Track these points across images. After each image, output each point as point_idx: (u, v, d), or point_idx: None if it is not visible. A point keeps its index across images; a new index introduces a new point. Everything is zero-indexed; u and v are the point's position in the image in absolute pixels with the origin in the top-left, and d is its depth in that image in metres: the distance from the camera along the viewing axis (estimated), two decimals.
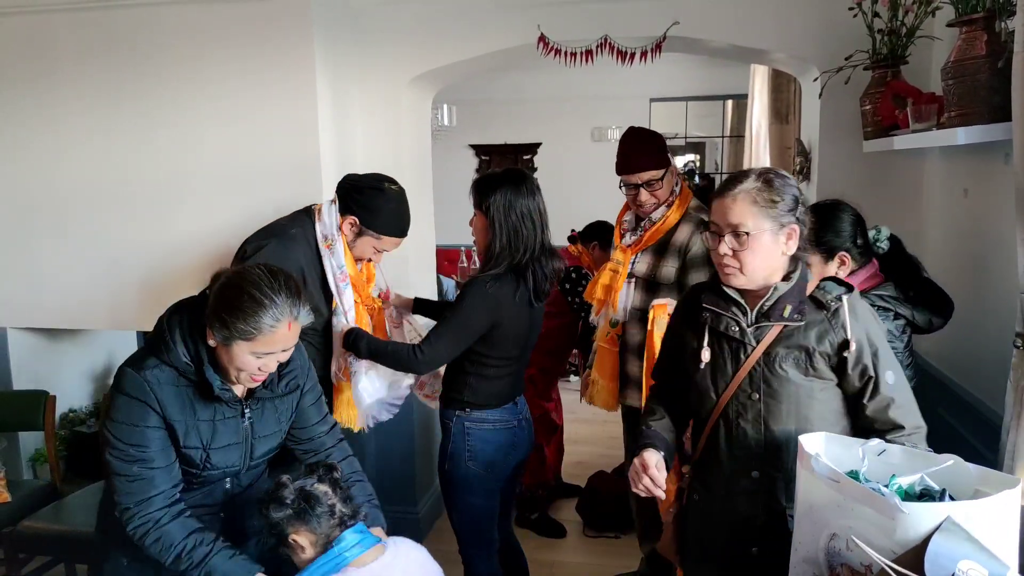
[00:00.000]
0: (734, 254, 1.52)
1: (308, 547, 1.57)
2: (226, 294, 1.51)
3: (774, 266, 1.54)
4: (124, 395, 1.55)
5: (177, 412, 1.58)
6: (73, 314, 3.08)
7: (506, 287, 2.05)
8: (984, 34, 1.83)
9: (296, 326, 1.55)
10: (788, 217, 1.51)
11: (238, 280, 1.52)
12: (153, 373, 1.56)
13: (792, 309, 1.52)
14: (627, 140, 2.50)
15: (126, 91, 2.87)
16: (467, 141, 7.04)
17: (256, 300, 1.48)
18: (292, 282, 1.57)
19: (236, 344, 1.51)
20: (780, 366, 1.53)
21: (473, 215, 2.16)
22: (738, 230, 1.50)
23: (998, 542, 1.13)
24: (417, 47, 3.05)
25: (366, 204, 2.19)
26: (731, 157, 7.75)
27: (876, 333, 1.53)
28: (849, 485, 1.24)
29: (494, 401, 2.18)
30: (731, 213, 1.51)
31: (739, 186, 1.52)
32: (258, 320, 1.48)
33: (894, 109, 2.33)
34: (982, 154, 2.13)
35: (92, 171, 2.95)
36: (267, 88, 2.77)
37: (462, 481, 2.18)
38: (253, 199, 2.79)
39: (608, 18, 2.87)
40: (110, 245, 2.97)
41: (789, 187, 1.52)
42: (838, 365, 1.52)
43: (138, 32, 2.83)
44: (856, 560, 1.21)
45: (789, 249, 1.53)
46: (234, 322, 1.48)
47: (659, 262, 2.42)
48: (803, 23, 2.75)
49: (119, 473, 1.55)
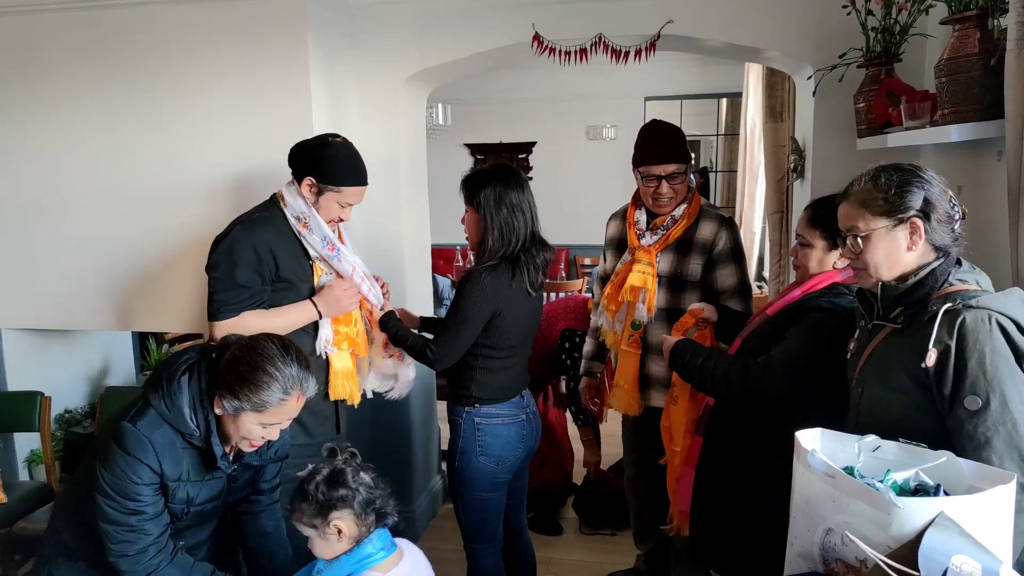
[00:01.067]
0: (856, 256, 1.52)
1: (346, 536, 1.57)
2: (239, 368, 1.56)
3: (903, 262, 1.48)
4: (123, 451, 1.56)
5: (173, 472, 1.61)
6: (68, 315, 3.08)
7: (502, 276, 2.11)
8: (977, 32, 1.84)
9: (303, 399, 1.62)
10: (904, 212, 1.45)
11: (251, 355, 1.57)
12: (156, 435, 1.58)
13: (903, 311, 1.48)
14: (652, 131, 2.47)
15: (120, 92, 2.86)
16: (462, 140, 7.04)
17: (269, 374, 1.55)
18: (302, 355, 1.64)
19: (245, 415, 1.57)
20: (873, 369, 1.52)
21: (465, 212, 2.19)
22: (854, 233, 1.50)
23: (992, 537, 1.14)
24: (412, 46, 3.05)
25: (316, 162, 2.19)
26: (726, 155, 7.77)
27: (970, 350, 1.35)
28: (844, 480, 1.24)
29: (502, 395, 2.22)
30: (846, 217, 1.52)
31: (852, 189, 1.53)
32: (270, 393, 1.55)
33: (888, 107, 2.34)
34: (975, 151, 2.14)
35: (87, 172, 2.94)
36: (262, 88, 2.76)
37: (473, 476, 2.21)
38: (248, 199, 2.77)
39: (602, 17, 2.87)
40: (105, 245, 2.96)
41: (904, 181, 1.46)
42: (919, 376, 1.42)
43: (132, 32, 2.82)
44: (851, 555, 1.22)
45: (915, 243, 1.46)
46: (247, 395, 1.54)
47: (683, 260, 2.41)
48: (797, 21, 2.76)
49: (112, 522, 1.58)
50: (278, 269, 2.17)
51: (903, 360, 1.45)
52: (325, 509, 1.56)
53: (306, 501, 1.57)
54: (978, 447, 1.34)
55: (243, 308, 2.14)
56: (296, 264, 2.21)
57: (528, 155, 7.02)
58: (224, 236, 2.18)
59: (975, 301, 1.38)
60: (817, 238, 1.89)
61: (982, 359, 1.34)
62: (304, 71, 2.73)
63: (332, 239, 2.23)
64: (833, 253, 1.89)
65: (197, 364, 1.64)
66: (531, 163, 7.00)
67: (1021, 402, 1.33)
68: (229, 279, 2.12)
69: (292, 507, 1.60)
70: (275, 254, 2.16)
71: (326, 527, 1.56)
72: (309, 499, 1.56)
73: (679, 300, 2.43)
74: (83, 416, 3.53)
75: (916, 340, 1.41)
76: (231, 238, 2.15)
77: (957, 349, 1.35)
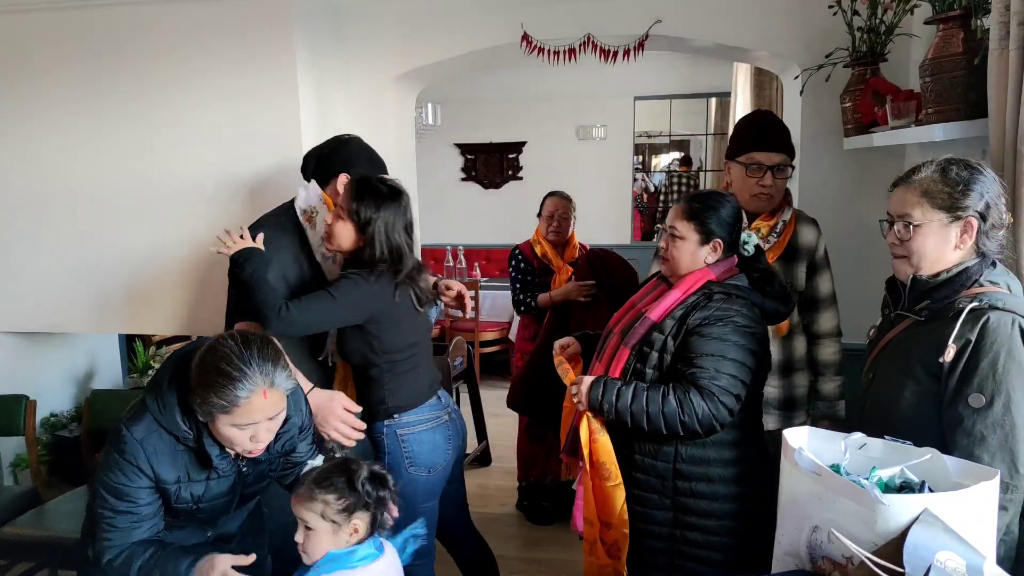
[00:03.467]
0: (901, 243, 1.49)
1: (358, 536, 1.56)
2: (199, 372, 1.51)
3: (946, 259, 1.47)
4: (118, 455, 1.55)
5: (171, 477, 1.59)
6: (53, 317, 3.05)
7: (386, 287, 2.00)
8: (961, 32, 1.85)
9: (274, 393, 1.53)
10: (965, 210, 1.43)
11: (210, 356, 1.51)
12: (150, 440, 1.56)
13: (929, 304, 1.48)
14: (760, 118, 2.33)
15: (106, 92, 2.84)
16: (452, 140, 7.02)
17: (225, 374, 1.48)
18: (267, 349, 1.54)
19: (217, 419, 1.52)
20: (890, 358, 1.53)
21: (336, 213, 2.03)
22: (906, 220, 1.47)
23: (975, 533, 1.15)
24: (400, 45, 3.04)
25: (343, 160, 2.18)
26: (715, 154, 7.79)
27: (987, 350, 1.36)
28: (831, 478, 1.25)
29: (418, 398, 2.11)
30: (902, 202, 1.49)
31: (915, 175, 1.48)
32: (230, 393, 1.47)
33: (873, 106, 2.36)
34: (960, 150, 2.14)
35: (72, 173, 2.92)
36: (249, 88, 2.75)
37: (407, 489, 2.00)
38: (236, 200, 2.77)
39: (591, 16, 2.88)
40: (91, 247, 2.94)
41: (973, 179, 1.43)
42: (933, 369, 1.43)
43: (118, 32, 2.80)
44: (837, 552, 1.22)
45: (964, 243, 1.45)
46: (209, 397, 1.48)
47: (791, 268, 2.21)
48: (784, 21, 2.77)
49: (105, 521, 1.56)
50: (301, 274, 2.12)
51: (920, 352, 1.46)
52: (359, 507, 1.54)
53: (341, 494, 1.53)
54: (973, 443, 1.36)
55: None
56: (314, 269, 2.17)
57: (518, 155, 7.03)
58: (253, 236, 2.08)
59: (1002, 303, 1.38)
60: (691, 232, 1.83)
61: (995, 360, 1.35)
62: (291, 71, 2.72)
63: None
64: (705, 248, 1.83)
65: (179, 368, 1.61)
66: (521, 163, 7.01)
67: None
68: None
69: (309, 495, 1.54)
70: (297, 258, 2.12)
71: (347, 523, 1.54)
72: (348, 494, 1.53)
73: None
74: (69, 420, 3.50)
75: (937, 334, 1.42)
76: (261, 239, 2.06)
77: (974, 347, 1.37)
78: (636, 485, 1.83)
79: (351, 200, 2.00)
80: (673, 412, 1.70)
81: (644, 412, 1.72)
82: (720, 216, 1.83)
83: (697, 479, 1.77)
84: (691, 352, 1.73)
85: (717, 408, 1.68)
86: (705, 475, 1.77)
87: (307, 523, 1.55)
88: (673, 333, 1.78)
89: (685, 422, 1.69)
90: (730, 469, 1.77)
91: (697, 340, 1.73)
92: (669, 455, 1.79)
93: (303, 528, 1.55)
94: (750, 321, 1.76)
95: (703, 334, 1.73)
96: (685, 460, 1.78)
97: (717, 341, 1.72)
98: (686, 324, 1.76)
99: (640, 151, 9.39)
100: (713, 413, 1.68)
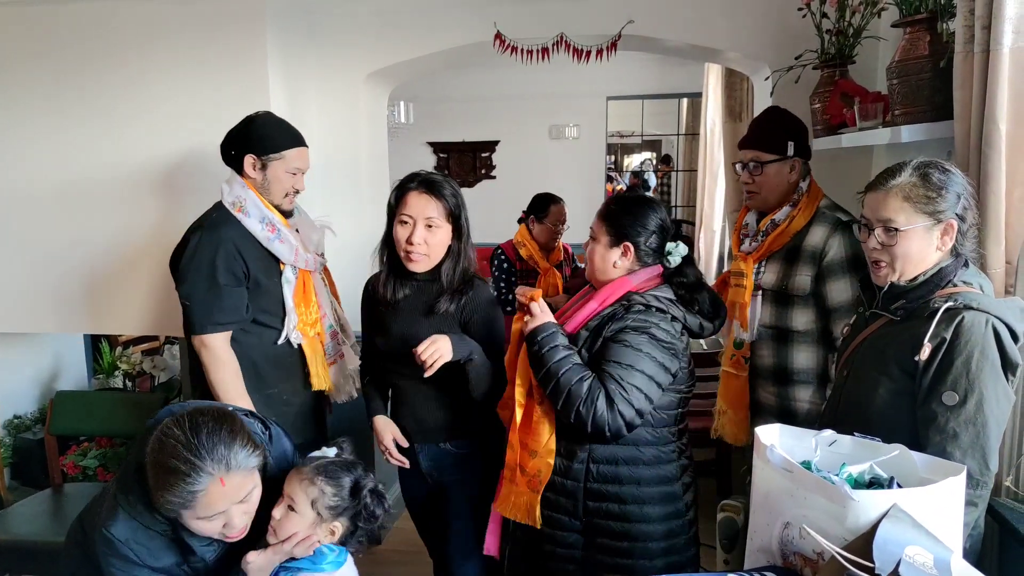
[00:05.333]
0: (883, 248, 1.49)
1: (331, 540, 1.54)
2: (152, 471, 1.42)
3: (927, 261, 1.48)
4: (113, 558, 1.49)
5: (166, 561, 1.52)
6: (15, 317, 2.98)
7: None
8: (927, 34, 1.88)
9: (233, 477, 1.40)
10: (945, 213, 1.44)
11: (158, 451, 1.41)
12: (137, 537, 1.49)
13: (904, 304, 1.49)
14: (756, 118, 2.32)
15: (71, 89, 2.78)
16: (425, 139, 6.99)
17: (174, 471, 1.37)
18: (221, 428, 1.42)
19: (181, 515, 1.43)
20: (865, 356, 1.54)
21: (438, 219, 1.95)
22: (888, 225, 1.46)
23: (943, 528, 1.16)
24: (372, 43, 3.02)
25: (249, 138, 2.18)
26: (687, 154, 7.86)
27: (961, 348, 1.38)
28: (802, 474, 1.26)
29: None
30: (883, 207, 1.47)
31: (892, 180, 1.47)
32: (184, 490, 1.37)
33: (842, 107, 2.39)
34: (926, 151, 2.17)
35: (35, 170, 2.85)
36: (219, 86, 2.71)
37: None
38: (203, 197, 2.71)
39: (564, 16, 2.88)
40: (53, 246, 2.88)
41: (950, 181, 1.45)
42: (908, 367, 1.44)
43: (85, 28, 2.75)
44: (808, 548, 1.23)
45: (944, 245, 1.47)
46: (165, 496, 1.39)
47: (791, 270, 2.09)
48: (755, 23, 2.80)
49: None
50: (247, 266, 2.11)
51: (895, 351, 1.47)
52: (348, 513, 1.53)
53: (340, 493, 1.52)
54: (946, 440, 1.39)
55: (228, 320, 2.07)
56: (259, 255, 2.16)
57: (491, 154, 7.02)
58: (184, 245, 2.11)
59: (976, 303, 1.40)
60: (603, 233, 1.79)
61: (969, 359, 1.38)
62: (262, 68, 2.68)
63: (273, 220, 2.17)
64: (615, 251, 1.78)
65: (140, 462, 1.49)
66: (494, 162, 7.00)
67: (996, 406, 1.38)
68: (204, 284, 2.06)
69: (310, 479, 1.51)
70: (239, 249, 2.11)
71: (329, 522, 1.52)
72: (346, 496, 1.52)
73: (786, 317, 2.11)
74: (33, 422, 3.43)
75: (912, 333, 1.44)
76: (194, 245, 2.09)
77: (949, 345, 1.39)
78: (546, 505, 1.79)
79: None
80: (578, 397, 1.66)
81: (557, 376, 1.68)
82: (639, 221, 1.77)
83: (609, 499, 1.75)
84: (605, 357, 1.71)
85: (614, 416, 1.64)
86: (617, 495, 1.74)
87: (293, 503, 1.51)
88: (587, 346, 1.74)
89: (581, 412, 1.65)
90: (644, 489, 1.74)
91: (612, 346, 1.71)
92: (580, 473, 1.76)
93: (285, 506, 1.52)
94: (668, 336, 1.71)
95: (618, 340, 1.70)
96: (596, 479, 1.75)
97: (632, 351, 1.68)
98: (601, 335, 1.73)
99: (612, 151, 9.44)
100: (608, 420, 1.64)
